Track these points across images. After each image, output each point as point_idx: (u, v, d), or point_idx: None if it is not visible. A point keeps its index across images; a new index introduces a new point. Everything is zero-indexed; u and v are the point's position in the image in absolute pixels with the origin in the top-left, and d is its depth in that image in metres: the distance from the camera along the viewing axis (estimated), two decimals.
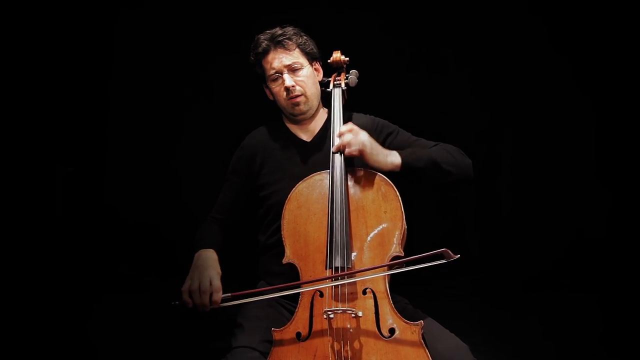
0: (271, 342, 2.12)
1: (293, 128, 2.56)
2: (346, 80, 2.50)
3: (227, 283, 2.49)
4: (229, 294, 2.15)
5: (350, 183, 2.28)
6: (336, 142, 2.30)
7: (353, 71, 2.53)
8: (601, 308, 3.39)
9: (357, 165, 2.34)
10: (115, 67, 3.73)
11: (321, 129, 2.55)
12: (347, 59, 2.54)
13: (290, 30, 2.48)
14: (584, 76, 3.51)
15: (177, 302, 2.16)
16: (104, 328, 3.41)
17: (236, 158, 2.59)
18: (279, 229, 2.34)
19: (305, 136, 2.54)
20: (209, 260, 2.31)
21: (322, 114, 2.58)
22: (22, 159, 3.47)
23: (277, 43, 2.44)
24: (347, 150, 2.26)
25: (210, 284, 2.17)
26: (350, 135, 2.28)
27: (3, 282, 3.31)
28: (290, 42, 2.45)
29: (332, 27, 2.56)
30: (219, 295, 2.15)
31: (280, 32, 2.46)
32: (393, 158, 2.30)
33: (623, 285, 3.43)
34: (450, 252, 1.96)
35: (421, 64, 3.64)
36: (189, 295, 2.16)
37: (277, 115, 2.63)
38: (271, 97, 2.55)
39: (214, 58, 3.68)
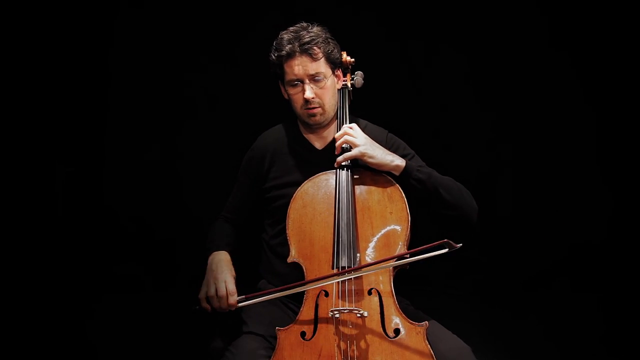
0: (275, 340, 2.13)
1: (306, 134, 2.52)
2: (352, 82, 2.50)
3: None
4: (243, 296, 2.23)
5: (356, 183, 2.29)
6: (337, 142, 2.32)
7: (358, 72, 2.53)
8: (602, 308, 3.40)
9: (362, 165, 2.35)
10: (115, 67, 3.72)
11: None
12: (353, 59, 2.52)
13: (318, 35, 2.37)
14: (586, 78, 3.52)
15: (197, 308, 2.26)
16: (104, 328, 3.40)
17: (246, 159, 2.58)
18: (282, 231, 2.35)
19: (318, 143, 2.51)
20: (222, 264, 2.34)
21: (336, 121, 2.51)
22: (23, 159, 3.45)
23: (304, 50, 2.33)
24: (346, 155, 2.28)
25: (226, 288, 2.23)
26: (350, 135, 2.30)
27: (3, 282, 3.30)
28: (317, 51, 2.35)
29: (338, 28, 2.53)
30: (234, 299, 2.22)
31: (308, 38, 2.34)
32: (395, 158, 2.30)
33: (624, 286, 3.44)
34: (451, 242, 2.01)
35: (424, 64, 3.64)
36: (207, 301, 2.24)
37: (286, 113, 2.60)
38: (286, 97, 2.50)
39: (214, 57, 3.67)
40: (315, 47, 2.34)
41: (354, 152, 2.28)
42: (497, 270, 3.56)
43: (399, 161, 2.29)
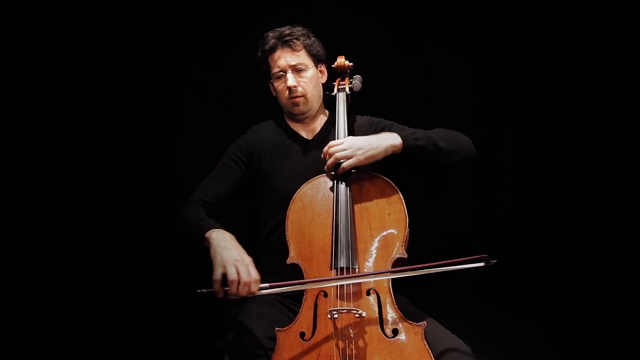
0: (274, 340, 2.14)
1: (295, 126, 2.62)
2: (350, 85, 2.55)
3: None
4: (267, 284, 2.07)
5: (355, 185, 2.31)
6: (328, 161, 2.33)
7: (357, 76, 2.58)
8: (602, 308, 3.39)
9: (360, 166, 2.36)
10: (115, 67, 3.72)
11: (322, 128, 2.61)
12: (351, 64, 2.60)
13: (298, 30, 2.53)
14: (586, 74, 3.51)
15: (204, 291, 2.04)
16: (104, 328, 3.41)
17: (236, 147, 2.62)
18: (278, 225, 2.38)
19: (307, 134, 2.60)
20: (236, 244, 2.15)
21: (323, 116, 2.65)
22: (23, 159, 3.46)
23: (285, 42, 2.50)
24: (345, 163, 2.28)
25: (250, 274, 2.05)
26: (337, 148, 2.31)
27: (3, 282, 3.30)
28: (297, 43, 2.51)
29: (337, 32, 2.59)
30: (257, 286, 2.06)
31: (288, 32, 2.51)
32: (391, 140, 2.32)
33: (625, 286, 3.43)
34: (489, 258, 2.08)
35: (423, 66, 3.64)
36: (221, 285, 2.03)
37: (279, 112, 2.66)
38: (274, 93, 2.61)
39: (215, 57, 3.67)
40: (294, 40, 2.51)
41: (350, 162, 2.29)
42: (497, 270, 3.55)
43: (392, 140, 2.32)
